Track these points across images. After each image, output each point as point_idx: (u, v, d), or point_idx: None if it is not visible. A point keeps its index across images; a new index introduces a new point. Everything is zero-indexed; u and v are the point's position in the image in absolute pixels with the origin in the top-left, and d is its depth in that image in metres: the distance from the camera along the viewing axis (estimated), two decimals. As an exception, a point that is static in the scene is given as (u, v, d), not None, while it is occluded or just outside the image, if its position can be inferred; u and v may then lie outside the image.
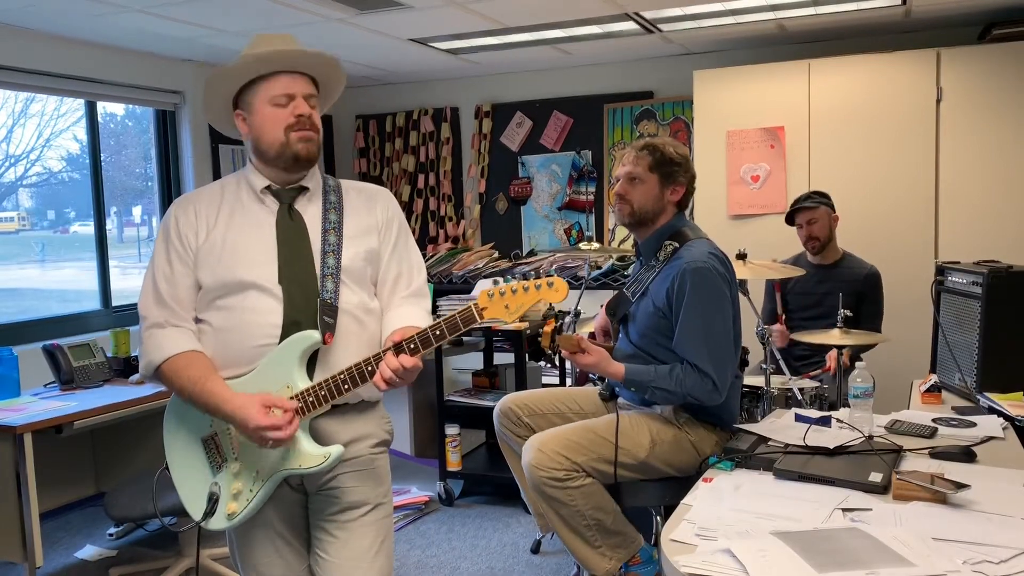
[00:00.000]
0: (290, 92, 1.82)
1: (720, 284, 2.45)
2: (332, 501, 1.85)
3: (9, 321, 4.18)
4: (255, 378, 1.78)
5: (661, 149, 2.56)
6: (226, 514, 1.81)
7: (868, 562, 1.50)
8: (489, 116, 5.70)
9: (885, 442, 2.21)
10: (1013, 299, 2.76)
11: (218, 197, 1.90)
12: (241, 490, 1.80)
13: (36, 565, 2.93)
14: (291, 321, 1.78)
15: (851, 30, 4.59)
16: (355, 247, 1.87)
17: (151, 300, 1.85)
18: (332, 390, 1.75)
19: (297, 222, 1.86)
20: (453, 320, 1.73)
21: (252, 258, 1.81)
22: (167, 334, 1.82)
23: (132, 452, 3.88)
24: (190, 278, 1.84)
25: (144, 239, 5.32)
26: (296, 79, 1.84)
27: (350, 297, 1.84)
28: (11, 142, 4.55)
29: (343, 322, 1.81)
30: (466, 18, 4.06)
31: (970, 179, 4.18)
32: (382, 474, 1.92)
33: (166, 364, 1.79)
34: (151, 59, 4.67)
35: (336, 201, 1.90)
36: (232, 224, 1.85)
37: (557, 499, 2.39)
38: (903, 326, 3.92)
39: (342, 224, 1.87)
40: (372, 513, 1.88)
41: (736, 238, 4.14)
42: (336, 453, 1.77)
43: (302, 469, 1.77)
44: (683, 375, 2.40)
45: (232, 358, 1.81)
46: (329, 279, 1.80)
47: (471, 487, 4.26)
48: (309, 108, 1.84)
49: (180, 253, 1.84)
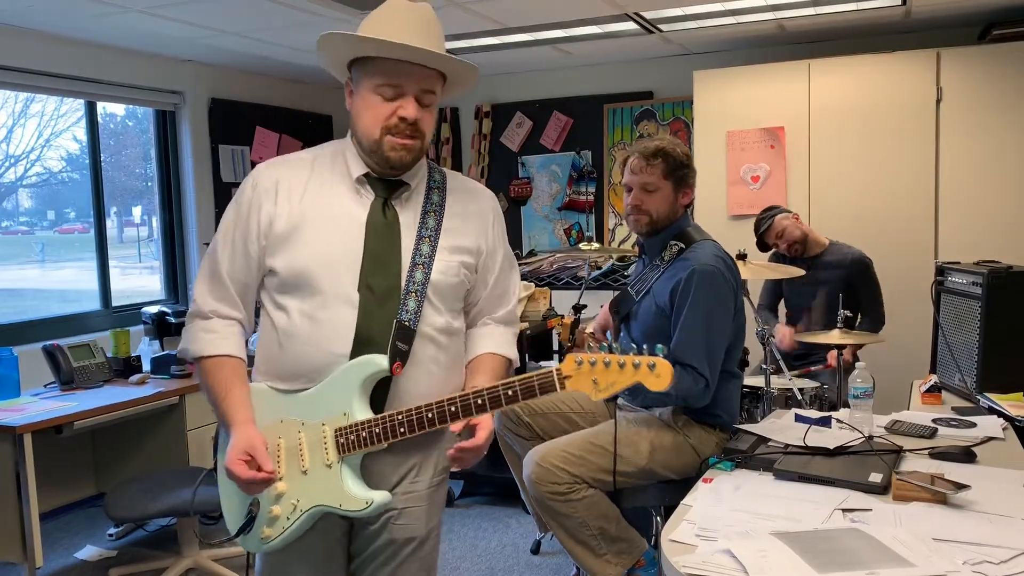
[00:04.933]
0: (398, 84, 1.56)
1: (724, 287, 2.45)
2: (377, 534, 1.67)
3: (9, 321, 4.18)
4: (313, 397, 1.59)
5: (672, 153, 2.51)
6: (260, 537, 1.64)
7: (868, 562, 1.50)
8: (489, 116, 5.70)
9: (885, 442, 2.21)
10: (1013, 299, 2.76)
11: (307, 171, 1.65)
12: (279, 516, 1.62)
13: (36, 565, 2.93)
14: (364, 339, 1.57)
15: (851, 30, 4.59)
16: (448, 261, 1.64)
17: (206, 275, 1.66)
18: (388, 431, 1.55)
19: (391, 222, 1.62)
20: (529, 384, 1.51)
21: (333, 256, 1.58)
22: (209, 327, 1.64)
23: (132, 452, 3.88)
24: (255, 260, 1.62)
25: (144, 239, 5.32)
26: (414, 70, 1.56)
27: (434, 319, 1.63)
28: (11, 142, 4.55)
29: (420, 347, 1.61)
30: (466, 18, 4.06)
31: (970, 179, 4.18)
32: (437, 507, 1.74)
33: (200, 361, 1.65)
34: (151, 59, 4.67)
35: (439, 202, 1.67)
36: (318, 210, 1.60)
37: (560, 512, 2.39)
38: (903, 326, 3.92)
39: (439, 232, 1.64)
40: (419, 549, 1.69)
41: (736, 238, 4.13)
42: (380, 501, 1.58)
43: (341, 510, 1.59)
44: (678, 378, 2.40)
45: (293, 368, 1.61)
46: (412, 297, 1.58)
47: (471, 487, 4.26)
48: (417, 111, 1.57)
49: (250, 229, 1.61)
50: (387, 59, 1.56)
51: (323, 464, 1.59)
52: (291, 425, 1.61)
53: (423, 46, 1.53)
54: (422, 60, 1.56)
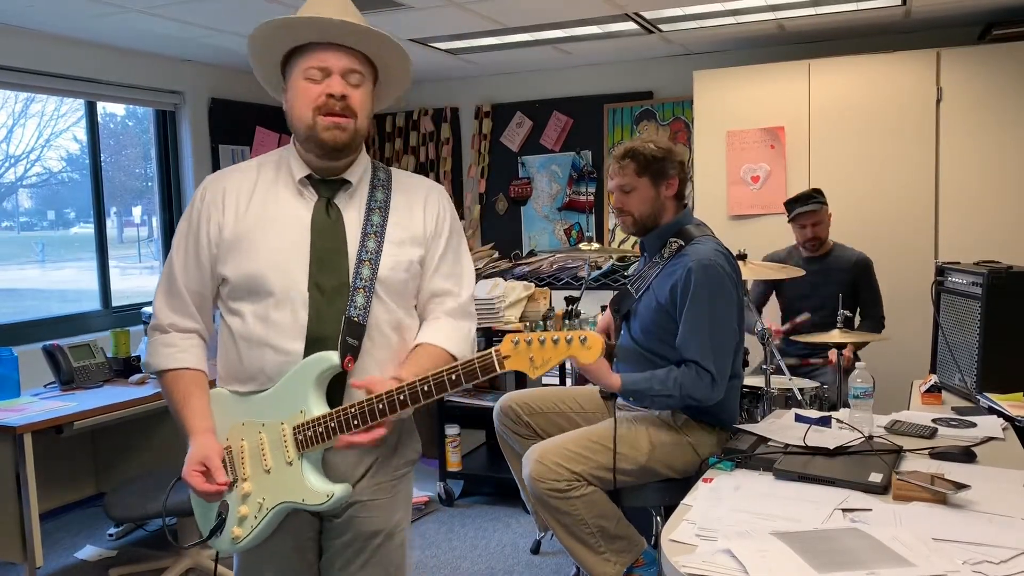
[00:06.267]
0: (324, 65, 1.59)
1: (726, 282, 2.45)
2: (343, 528, 1.70)
3: (9, 321, 4.18)
4: (271, 398, 1.64)
5: (641, 151, 2.54)
6: (231, 538, 1.67)
7: (868, 562, 1.50)
8: (489, 116, 5.70)
9: (885, 442, 2.21)
10: (1013, 299, 2.76)
11: (252, 179, 1.69)
12: (247, 516, 1.65)
13: (36, 565, 2.93)
14: (315, 337, 1.60)
15: (851, 30, 4.59)
16: (396, 256, 1.67)
17: (163, 288, 1.71)
18: (342, 425, 1.57)
19: (335, 221, 1.65)
20: (471, 367, 1.53)
21: (281, 258, 1.62)
22: (168, 341, 1.70)
23: (132, 452, 3.88)
24: (207, 269, 1.67)
25: (144, 239, 5.32)
26: (339, 53, 1.60)
27: (383, 314, 1.65)
28: (11, 142, 4.55)
29: (371, 342, 1.64)
30: (466, 18, 4.06)
31: (970, 179, 4.18)
32: (403, 500, 1.77)
33: (160, 375, 1.71)
34: (151, 59, 4.67)
35: (383, 199, 1.69)
36: (264, 215, 1.65)
37: (560, 509, 2.38)
38: (903, 326, 3.92)
39: (385, 227, 1.67)
40: (385, 544, 1.72)
41: (736, 238, 4.13)
42: (340, 494, 1.60)
43: (304, 505, 1.61)
44: (681, 377, 2.39)
45: (251, 370, 1.65)
46: (360, 293, 1.62)
47: (471, 487, 4.26)
48: (345, 87, 1.60)
49: (199, 239, 1.66)
50: (313, 45, 1.61)
51: (285, 462, 1.62)
52: (252, 427, 1.66)
53: (356, 21, 1.59)
54: (351, 32, 1.60)
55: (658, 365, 2.48)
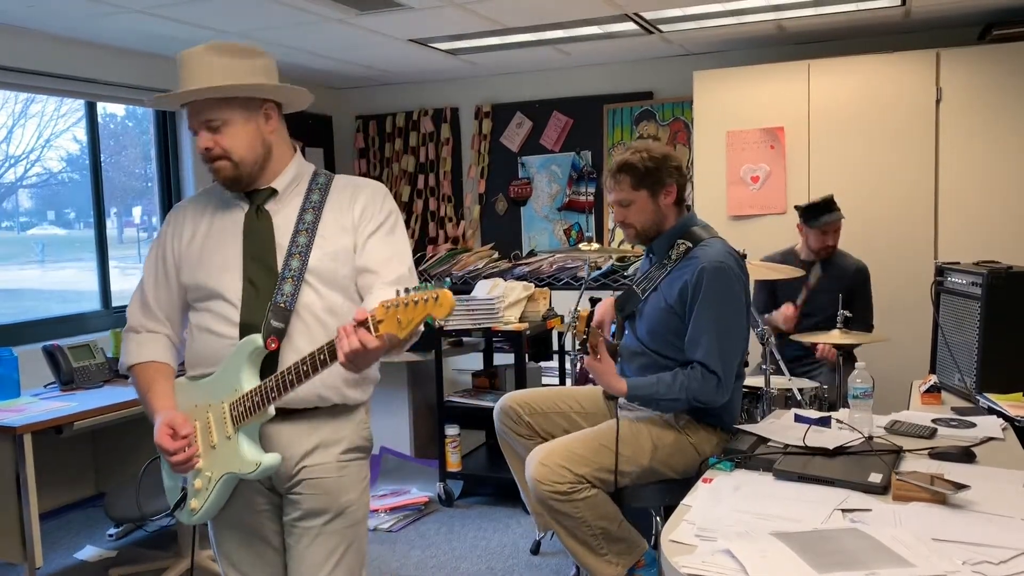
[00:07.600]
0: (191, 124, 1.85)
1: (736, 284, 2.46)
2: (294, 506, 1.85)
3: (9, 321, 4.18)
4: (214, 381, 1.84)
5: (634, 164, 2.52)
6: (190, 509, 1.87)
7: (868, 563, 1.50)
8: (489, 116, 5.70)
9: (885, 443, 2.21)
10: (1013, 299, 2.76)
11: (205, 200, 1.96)
12: (200, 489, 1.85)
13: (36, 566, 2.93)
14: (246, 324, 1.81)
15: (851, 30, 4.59)
16: (325, 247, 1.84)
17: (136, 301, 1.98)
18: (264, 397, 1.74)
19: (264, 222, 1.87)
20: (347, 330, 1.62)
21: (220, 263, 1.86)
22: (139, 340, 1.95)
23: (132, 452, 3.88)
24: (174, 284, 1.93)
25: (144, 239, 5.32)
26: (197, 108, 1.82)
27: (313, 300, 1.82)
28: (11, 143, 4.55)
29: (302, 325, 1.80)
30: (466, 18, 4.06)
31: (970, 179, 4.18)
32: (351, 482, 1.89)
33: (131, 369, 1.95)
34: (151, 59, 4.67)
35: (319, 200, 1.89)
36: (211, 230, 1.90)
37: (562, 511, 2.38)
38: (903, 326, 3.92)
39: (317, 224, 1.85)
40: (333, 523, 1.85)
41: (736, 238, 4.10)
42: (268, 462, 1.76)
43: (239, 473, 1.78)
44: (687, 380, 2.39)
45: (204, 359, 1.88)
46: (288, 282, 1.80)
47: (471, 488, 4.26)
48: (207, 139, 1.82)
49: (166, 259, 1.93)
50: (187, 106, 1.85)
51: (225, 437, 1.82)
52: (202, 408, 1.86)
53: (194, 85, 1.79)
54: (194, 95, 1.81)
55: (663, 366, 2.48)
